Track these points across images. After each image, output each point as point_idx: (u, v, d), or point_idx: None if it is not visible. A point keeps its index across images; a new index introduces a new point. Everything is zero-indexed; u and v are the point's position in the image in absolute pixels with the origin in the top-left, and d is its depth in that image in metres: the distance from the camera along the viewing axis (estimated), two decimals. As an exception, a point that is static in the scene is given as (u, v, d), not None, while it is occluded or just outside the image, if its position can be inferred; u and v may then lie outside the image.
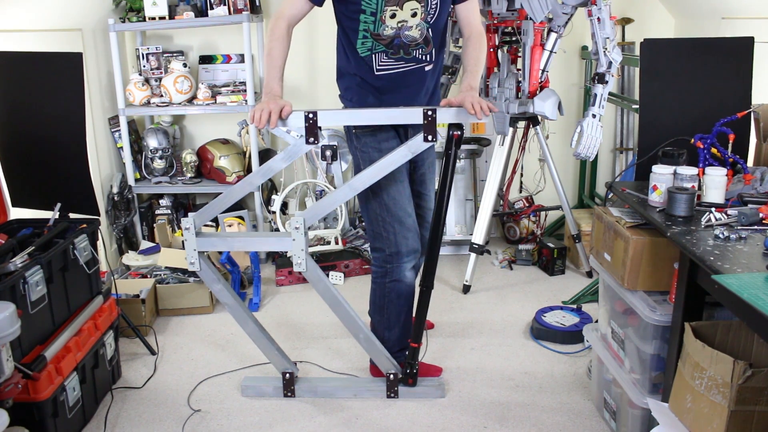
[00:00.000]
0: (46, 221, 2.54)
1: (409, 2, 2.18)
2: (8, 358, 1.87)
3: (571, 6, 3.12)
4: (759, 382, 1.53)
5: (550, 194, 3.78)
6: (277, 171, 2.37)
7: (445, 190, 2.24)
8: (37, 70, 2.59)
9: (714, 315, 1.92)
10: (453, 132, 2.17)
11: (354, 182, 2.24)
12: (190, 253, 2.31)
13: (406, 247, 2.41)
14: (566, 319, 3.01)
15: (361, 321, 2.45)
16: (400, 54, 2.27)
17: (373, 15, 2.19)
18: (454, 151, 2.20)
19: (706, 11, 3.59)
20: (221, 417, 2.47)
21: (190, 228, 2.28)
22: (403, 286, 2.47)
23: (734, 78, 2.31)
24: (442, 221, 2.29)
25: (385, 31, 2.22)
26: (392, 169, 2.24)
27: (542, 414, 2.44)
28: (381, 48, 2.26)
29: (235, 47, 4.07)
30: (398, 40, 2.24)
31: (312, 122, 2.16)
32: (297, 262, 2.26)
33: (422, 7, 2.21)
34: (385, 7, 2.18)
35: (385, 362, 2.50)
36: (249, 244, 2.57)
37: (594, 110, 3.15)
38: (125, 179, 3.86)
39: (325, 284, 2.33)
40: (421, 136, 2.17)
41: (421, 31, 2.25)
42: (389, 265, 2.44)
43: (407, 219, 2.40)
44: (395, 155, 2.21)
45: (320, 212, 2.30)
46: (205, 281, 2.40)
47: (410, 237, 2.41)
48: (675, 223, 1.87)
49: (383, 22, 2.20)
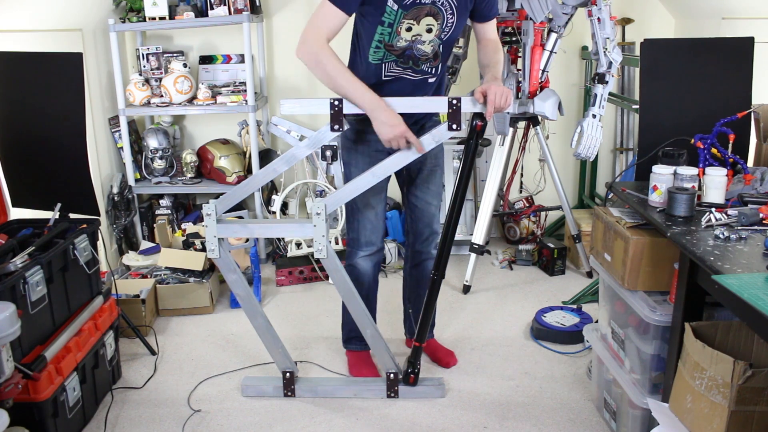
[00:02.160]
0: (46, 221, 2.54)
1: (426, 18, 2.18)
2: (8, 358, 1.87)
3: (572, 6, 3.12)
4: (759, 382, 1.53)
5: (550, 194, 3.78)
6: (301, 158, 2.40)
7: (463, 178, 2.27)
8: (37, 70, 2.59)
9: (714, 315, 1.92)
10: (476, 122, 2.19)
11: (376, 169, 2.26)
12: (210, 240, 2.31)
13: (364, 237, 2.52)
14: (566, 319, 3.01)
15: (370, 316, 2.46)
16: (409, 64, 2.28)
17: (390, 26, 2.19)
18: (475, 141, 2.22)
19: (706, 11, 3.59)
20: (221, 417, 2.47)
21: (212, 214, 2.28)
22: (356, 271, 2.56)
23: (734, 78, 2.31)
24: (458, 207, 2.30)
25: (399, 42, 2.22)
26: (416, 157, 2.26)
27: (542, 414, 2.44)
28: (392, 58, 2.27)
29: (235, 47, 4.07)
30: (409, 51, 2.24)
31: (337, 110, 2.17)
32: (318, 248, 2.27)
33: (438, 25, 2.21)
34: (403, 19, 2.17)
35: (386, 360, 2.50)
36: (270, 231, 2.57)
37: (594, 110, 3.15)
38: (125, 179, 3.86)
39: (342, 274, 2.34)
40: (445, 125, 2.19)
41: (433, 47, 2.26)
42: (349, 248, 2.59)
43: (369, 213, 2.49)
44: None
45: (342, 199, 2.31)
46: (221, 270, 2.40)
47: (369, 229, 2.51)
48: (675, 223, 1.87)
49: (398, 34, 2.20)
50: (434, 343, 2.84)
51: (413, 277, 2.71)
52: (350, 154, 2.48)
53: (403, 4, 2.13)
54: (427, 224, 2.60)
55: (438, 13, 2.18)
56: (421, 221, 2.59)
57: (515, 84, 3.26)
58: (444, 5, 2.17)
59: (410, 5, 2.14)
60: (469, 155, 2.25)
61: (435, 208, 2.59)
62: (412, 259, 2.69)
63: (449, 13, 2.20)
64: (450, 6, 2.18)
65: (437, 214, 2.61)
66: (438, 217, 2.63)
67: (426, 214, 2.58)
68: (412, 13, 2.16)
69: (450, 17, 2.21)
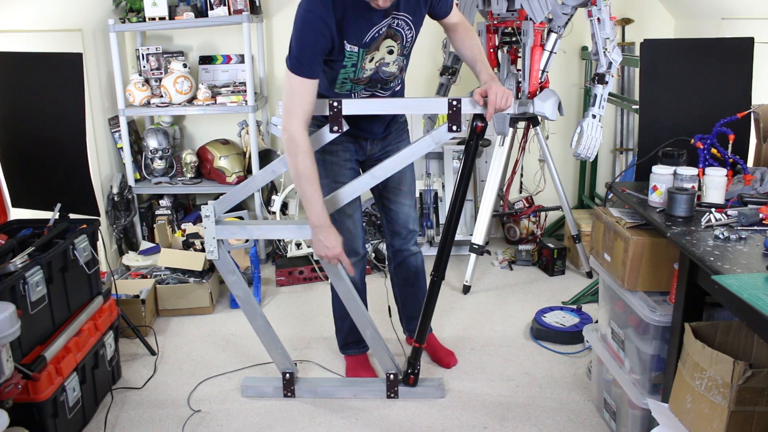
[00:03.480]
0: (46, 221, 2.54)
1: (385, 41, 2.15)
2: (8, 358, 1.87)
3: (571, 6, 3.12)
4: (759, 382, 1.53)
5: (550, 194, 3.78)
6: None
7: (463, 179, 2.26)
8: (37, 71, 2.59)
9: (714, 315, 1.92)
10: (477, 123, 2.18)
11: (376, 171, 2.25)
12: (209, 241, 2.31)
13: (347, 247, 2.44)
14: (566, 319, 3.01)
15: (369, 317, 2.46)
16: (377, 87, 2.28)
17: (354, 66, 2.17)
18: (475, 142, 2.21)
19: (706, 11, 3.59)
20: (221, 417, 2.47)
21: (210, 216, 2.28)
22: None
23: (734, 78, 2.31)
24: (459, 208, 2.29)
25: (365, 74, 2.21)
26: (416, 158, 2.27)
27: (542, 414, 2.44)
28: (360, 87, 2.26)
29: (235, 48, 4.07)
30: (376, 76, 2.24)
31: (336, 110, 2.16)
32: None
33: (399, 44, 2.19)
34: (365, 55, 2.15)
35: (386, 361, 2.50)
36: (269, 232, 2.57)
37: (594, 110, 3.15)
38: (125, 179, 3.86)
39: (341, 275, 2.34)
40: (445, 126, 2.18)
41: (398, 65, 2.25)
42: None
43: (347, 221, 2.46)
44: (419, 145, 2.22)
45: (341, 201, 2.30)
46: (221, 271, 2.40)
47: (349, 239, 2.44)
48: (675, 223, 1.87)
49: (363, 68, 2.19)
50: (434, 341, 2.83)
51: (399, 276, 2.70)
52: (318, 165, 2.42)
53: (362, 44, 2.11)
54: (403, 225, 2.57)
55: (396, 34, 2.16)
56: (397, 222, 2.57)
57: (515, 84, 3.25)
58: (399, 25, 2.14)
59: (369, 42, 2.12)
60: (470, 157, 2.25)
61: (409, 208, 2.57)
62: (394, 259, 2.67)
63: (407, 30, 2.17)
64: (406, 22, 2.15)
65: (412, 213, 2.58)
66: (414, 215, 2.60)
67: (401, 215, 2.56)
68: (372, 46, 2.14)
69: (408, 33, 2.19)
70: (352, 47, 2.10)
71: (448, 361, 2.76)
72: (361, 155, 2.45)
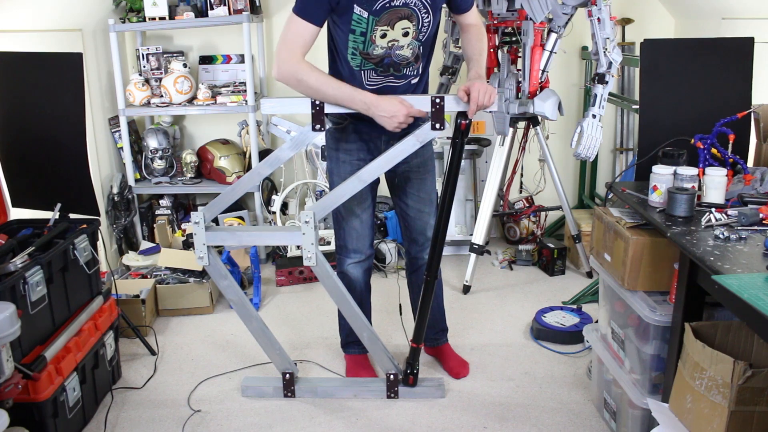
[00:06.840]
0: (46, 221, 2.54)
1: (400, 21, 2.11)
2: (8, 358, 1.87)
3: (571, 6, 3.12)
4: (759, 382, 1.53)
5: (550, 194, 3.78)
6: (285, 161, 2.35)
7: (450, 180, 2.23)
8: (37, 70, 2.59)
9: (714, 315, 1.92)
10: (460, 121, 2.16)
11: (362, 174, 2.23)
12: (199, 248, 2.30)
13: (351, 245, 2.50)
14: (566, 319, 3.01)
15: (365, 319, 2.45)
16: (389, 72, 2.23)
17: (363, 35, 2.12)
18: (461, 140, 2.18)
19: (706, 11, 3.59)
20: (221, 417, 2.47)
21: (200, 222, 2.27)
22: (347, 279, 2.54)
23: (734, 78, 2.31)
24: (447, 209, 2.27)
25: (375, 50, 2.16)
26: (400, 160, 2.23)
27: (542, 414, 2.44)
28: (370, 66, 2.21)
29: (235, 47, 4.07)
30: (389, 59, 2.19)
31: (318, 109, 2.15)
32: (307, 256, 2.26)
33: (414, 26, 2.13)
34: (376, 26, 2.10)
35: (385, 361, 2.50)
36: (259, 238, 2.57)
37: (594, 110, 3.15)
38: (125, 179, 3.86)
39: (334, 280, 2.34)
40: (428, 124, 2.15)
41: (412, 49, 2.20)
42: (338, 256, 2.57)
43: (354, 221, 2.46)
44: (404, 145, 2.19)
45: (330, 205, 2.28)
46: (212, 276, 2.40)
47: (355, 237, 2.48)
48: (675, 223, 1.87)
49: (373, 42, 2.14)
50: (448, 349, 2.78)
51: (413, 282, 2.69)
52: (332, 162, 2.44)
53: (372, 10, 2.06)
54: (420, 232, 2.54)
55: (412, 14, 2.11)
56: (414, 229, 2.55)
57: (515, 84, 3.25)
58: (417, 5, 2.09)
59: (380, 10, 2.07)
60: (455, 155, 2.21)
61: (427, 215, 2.53)
62: (410, 266, 2.66)
63: (423, 12, 2.12)
64: (423, 4, 2.11)
65: (430, 221, 2.53)
66: (432, 223, 2.55)
67: (418, 222, 2.53)
68: (384, 18, 2.09)
69: (425, 16, 2.13)
70: (361, 11, 2.06)
71: (458, 371, 2.70)
72: (376, 155, 2.40)
